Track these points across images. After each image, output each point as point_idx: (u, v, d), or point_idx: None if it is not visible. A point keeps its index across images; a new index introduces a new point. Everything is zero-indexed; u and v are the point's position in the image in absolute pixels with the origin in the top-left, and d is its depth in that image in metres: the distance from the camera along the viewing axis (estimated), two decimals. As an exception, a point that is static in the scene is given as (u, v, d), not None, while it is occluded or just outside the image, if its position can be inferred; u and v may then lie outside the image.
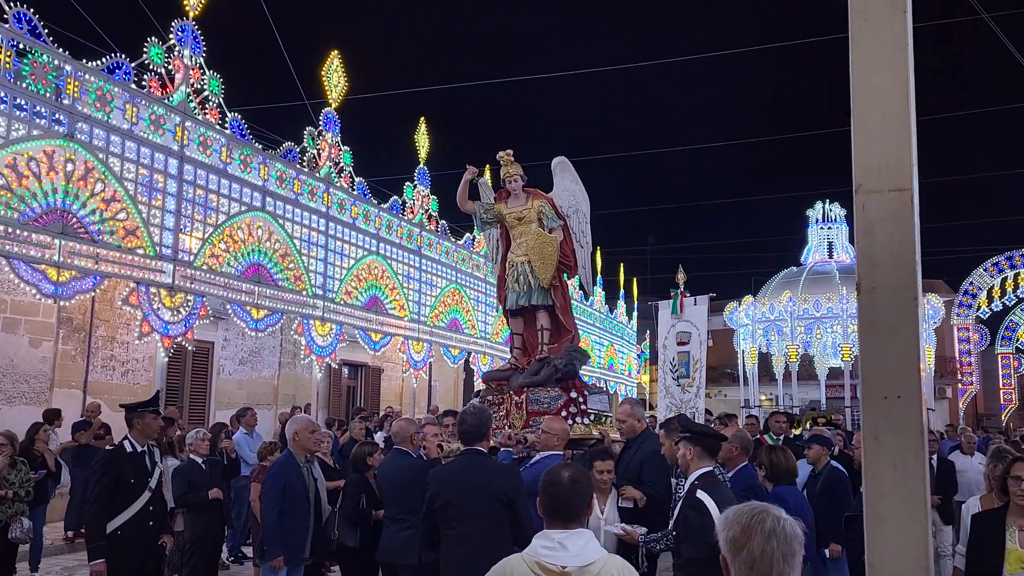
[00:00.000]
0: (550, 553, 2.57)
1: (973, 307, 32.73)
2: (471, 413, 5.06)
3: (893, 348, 1.76)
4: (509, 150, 8.07)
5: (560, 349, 7.89)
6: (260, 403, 15.69)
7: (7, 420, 10.48)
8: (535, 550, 2.62)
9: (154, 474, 6.07)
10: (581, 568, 2.53)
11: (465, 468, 4.78)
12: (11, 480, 7.34)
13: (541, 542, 2.64)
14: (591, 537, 2.66)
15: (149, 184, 10.40)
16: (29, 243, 8.82)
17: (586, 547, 2.60)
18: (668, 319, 11.06)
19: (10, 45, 8.84)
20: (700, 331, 10.50)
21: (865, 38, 1.75)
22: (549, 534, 2.65)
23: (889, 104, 1.74)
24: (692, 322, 10.53)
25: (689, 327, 10.44)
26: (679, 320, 10.76)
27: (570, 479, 2.80)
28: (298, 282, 13.12)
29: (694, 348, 10.48)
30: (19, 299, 11.64)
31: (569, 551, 2.56)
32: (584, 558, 2.55)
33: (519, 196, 8.04)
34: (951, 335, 34.36)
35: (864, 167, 1.77)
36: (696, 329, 10.39)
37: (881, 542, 1.78)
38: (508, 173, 8.02)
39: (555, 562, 2.54)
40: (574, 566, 2.53)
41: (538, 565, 2.56)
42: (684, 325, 10.62)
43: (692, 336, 10.34)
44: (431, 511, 4.68)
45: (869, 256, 1.77)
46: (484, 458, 4.91)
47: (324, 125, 14.29)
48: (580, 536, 2.63)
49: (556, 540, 2.61)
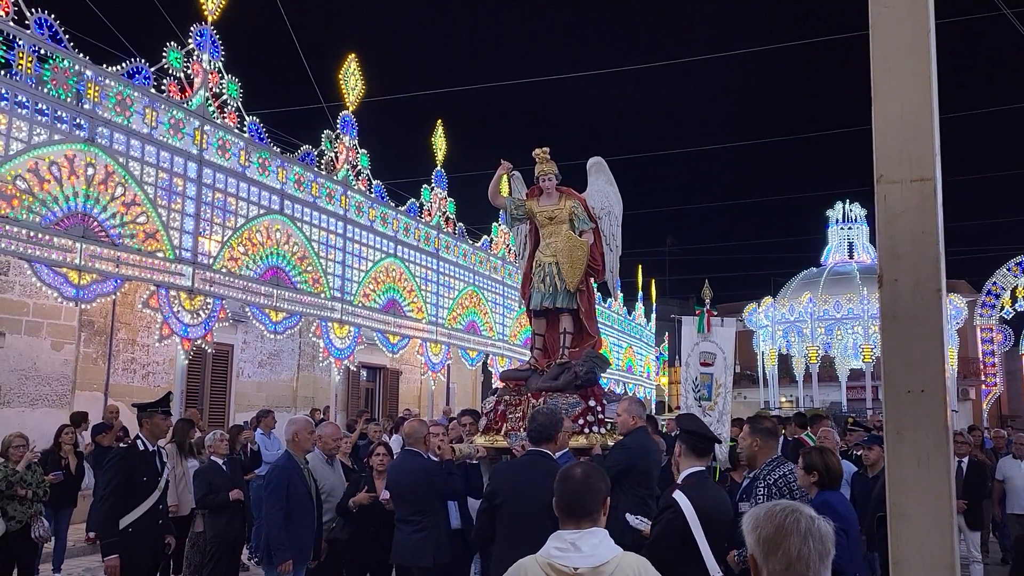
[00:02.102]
0: (562, 554, 2.52)
1: (996, 307, 32.31)
2: (543, 413, 5.05)
3: (916, 341, 1.72)
4: (546, 147, 7.94)
5: (581, 354, 7.81)
6: (279, 405, 15.75)
7: (30, 423, 10.59)
8: (548, 551, 2.57)
9: (163, 473, 6.13)
10: (594, 569, 2.47)
11: (526, 468, 4.78)
12: (28, 481, 7.40)
13: (554, 543, 2.58)
14: (605, 536, 2.60)
15: (168, 188, 10.47)
16: (51, 247, 8.89)
17: (599, 546, 2.54)
18: (692, 336, 10.22)
19: (32, 51, 8.93)
20: (726, 354, 9.89)
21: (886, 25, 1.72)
22: (562, 535, 2.60)
23: (911, 92, 1.71)
24: (718, 344, 9.84)
25: (714, 348, 9.74)
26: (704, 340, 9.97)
27: (583, 476, 2.74)
28: (316, 285, 13.16)
29: (718, 371, 9.73)
30: (41, 302, 11.76)
31: (582, 551, 2.51)
32: (597, 558, 2.50)
33: (552, 195, 7.94)
34: (974, 336, 33.97)
35: (885, 157, 1.73)
36: (722, 352, 9.73)
37: (905, 539, 1.74)
38: (543, 171, 7.91)
39: (567, 563, 2.48)
40: (586, 567, 2.47)
41: (550, 567, 2.50)
42: (709, 346, 9.87)
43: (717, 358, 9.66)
44: (490, 507, 4.67)
45: (891, 248, 1.74)
46: (547, 460, 4.80)
47: (342, 128, 14.33)
48: (593, 536, 2.57)
49: (569, 541, 2.55)
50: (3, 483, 7.24)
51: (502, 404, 7.70)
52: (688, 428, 4.64)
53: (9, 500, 7.23)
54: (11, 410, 11.49)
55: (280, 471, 6.18)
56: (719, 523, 4.26)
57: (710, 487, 4.49)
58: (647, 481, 5.76)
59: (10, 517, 7.20)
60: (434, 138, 17.39)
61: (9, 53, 8.67)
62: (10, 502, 7.23)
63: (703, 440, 4.55)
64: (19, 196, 8.62)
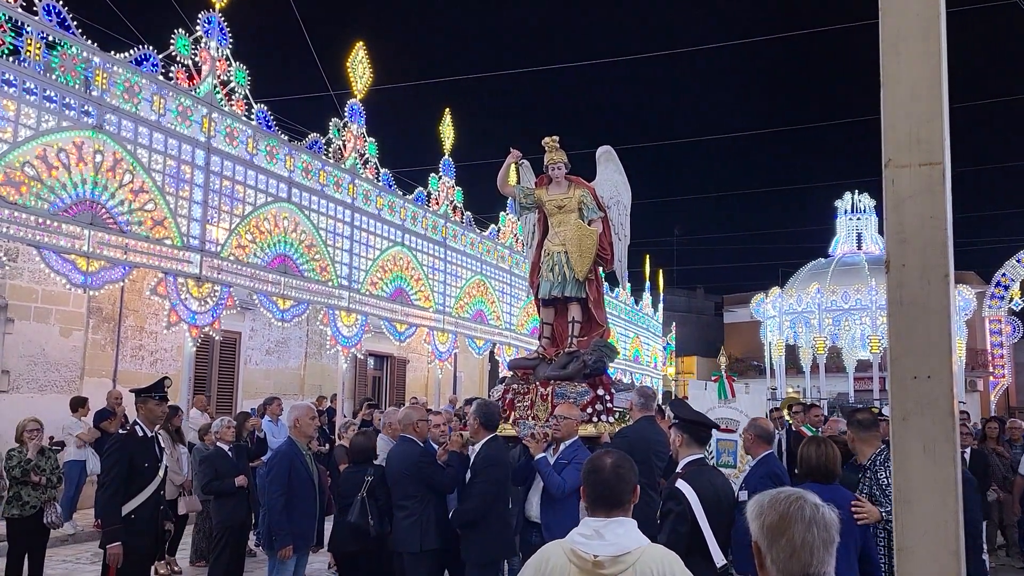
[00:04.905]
0: (586, 541, 2.48)
1: (1005, 299, 32.16)
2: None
3: (923, 326, 1.71)
4: (555, 136, 7.93)
5: (589, 343, 7.81)
6: (286, 393, 15.81)
7: (39, 408, 10.64)
8: (573, 537, 2.54)
9: (162, 459, 6.15)
10: (614, 558, 2.42)
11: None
12: (42, 467, 7.47)
13: (580, 529, 2.54)
14: (632, 526, 2.55)
15: (176, 175, 10.48)
16: (59, 233, 8.92)
17: (624, 536, 2.49)
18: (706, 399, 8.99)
19: (40, 37, 8.93)
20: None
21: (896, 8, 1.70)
22: (589, 522, 2.55)
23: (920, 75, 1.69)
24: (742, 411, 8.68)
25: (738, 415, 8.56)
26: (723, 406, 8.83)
27: (613, 465, 2.71)
28: (324, 273, 13.18)
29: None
30: (50, 289, 11.81)
31: (605, 539, 2.47)
32: (619, 547, 2.45)
33: (561, 184, 7.94)
34: (983, 327, 33.85)
35: (894, 141, 1.71)
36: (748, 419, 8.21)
37: (910, 525, 1.73)
38: (552, 160, 7.91)
39: (588, 551, 2.44)
40: (607, 555, 2.42)
41: (572, 552, 2.47)
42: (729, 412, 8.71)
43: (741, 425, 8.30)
44: None
45: (899, 232, 1.72)
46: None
47: (349, 116, 14.31)
48: (620, 524, 2.53)
49: (594, 528, 2.51)
50: (18, 470, 7.31)
51: (510, 393, 7.72)
52: (684, 416, 4.68)
53: (23, 486, 7.31)
54: (20, 395, 11.57)
55: (282, 457, 6.21)
56: (722, 509, 4.27)
57: (710, 473, 4.51)
58: (646, 471, 5.78)
59: (24, 502, 7.29)
60: (442, 126, 17.36)
61: (17, 40, 8.67)
62: (24, 487, 7.32)
63: (700, 427, 4.61)
64: (27, 183, 8.64)
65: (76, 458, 10.59)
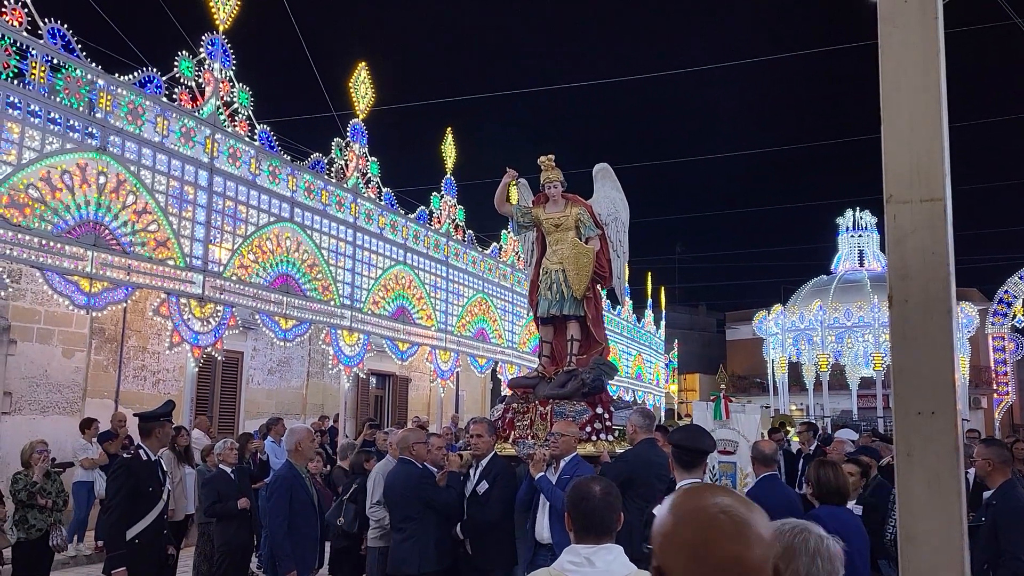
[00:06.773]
0: (576, 569, 2.50)
1: (1008, 316, 32.09)
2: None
3: (926, 362, 1.71)
4: (551, 155, 7.94)
5: (589, 361, 7.80)
6: (289, 413, 15.78)
7: (41, 430, 10.64)
8: (562, 565, 2.55)
9: (165, 483, 6.14)
10: None
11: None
12: (48, 490, 7.47)
13: (569, 556, 2.56)
14: (620, 553, 2.58)
15: (179, 196, 10.51)
16: (62, 255, 8.94)
17: (615, 562, 2.52)
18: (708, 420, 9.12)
19: (45, 60, 8.99)
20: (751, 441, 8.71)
21: (895, 46, 1.70)
22: (577, 549, 2.58)
23: (920, 113, 1.70)
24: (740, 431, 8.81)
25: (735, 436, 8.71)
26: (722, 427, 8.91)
27: (603, 493, 2.72)
28: (326, 292, 13.19)
29: (742, 460, 8.51)
30: (52, 310, 11.81)
31: (596, 567, 2.48)
32: (611, 574, 2.48)
33: (558, 202, 7.94)
34: (986, 344, 33.75)
35: (895, 177, 1.72)
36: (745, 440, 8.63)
37: (915, 563, 1.73)
38: (548, 178, 7.92)
39: None
40: None
41: None
42: (728, 433, 8.80)
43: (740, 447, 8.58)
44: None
45: (901, 268, 1.73)
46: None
47: (352, 136, 14.37)
48: (609, 552, 2.55)
49: (583, 555, 2.52)
50: (24, 493, 7.31)
51: (510, 412, 7.70)
52: (675, 442, 4.68)
53: (30, 509, 7.31)
54: (22, 417, 11.54)
55: (282, 481, 6.18)
56: None
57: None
58: (648, 493, 5.76)
59: (31, 526, 7.28)
60: (444, 146, 17.42)
61: (22, 63, 8.73)
62: (31, 511, 7.31)
63: (688, 452, 4.63)
64: (31, 204, 8.67)
65: (84, 479, 10.56)
